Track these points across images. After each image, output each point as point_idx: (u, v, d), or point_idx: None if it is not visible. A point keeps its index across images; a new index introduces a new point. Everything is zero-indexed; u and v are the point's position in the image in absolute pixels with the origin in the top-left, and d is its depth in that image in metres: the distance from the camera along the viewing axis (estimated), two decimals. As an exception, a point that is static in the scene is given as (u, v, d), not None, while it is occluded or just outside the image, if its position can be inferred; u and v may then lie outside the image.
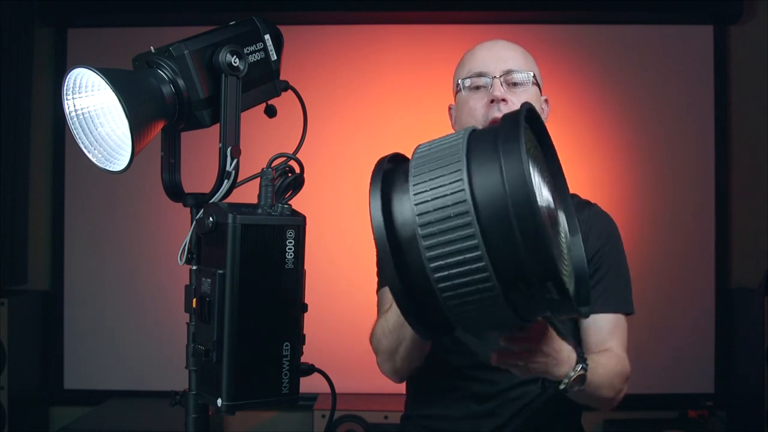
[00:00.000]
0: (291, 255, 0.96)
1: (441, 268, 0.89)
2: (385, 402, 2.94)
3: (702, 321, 3.27)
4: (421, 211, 0.91)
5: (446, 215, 0.89)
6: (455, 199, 0.89)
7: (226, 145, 1.02)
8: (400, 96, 3.28)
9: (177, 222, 1.33)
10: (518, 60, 1.53)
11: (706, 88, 3.32)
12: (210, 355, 0.94)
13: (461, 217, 0.88)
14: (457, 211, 0.88)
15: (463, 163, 0.90)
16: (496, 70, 1.50)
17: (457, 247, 0.88)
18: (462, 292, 0.90)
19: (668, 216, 3.30)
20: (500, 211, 0.87)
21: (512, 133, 0.90)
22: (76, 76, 0.97)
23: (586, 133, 3.30)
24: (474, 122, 1.50)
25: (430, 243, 0.90)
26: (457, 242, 0.88)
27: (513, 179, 0.87)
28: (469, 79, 1.52)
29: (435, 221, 0.89)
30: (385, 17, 3.32)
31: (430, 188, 0.91)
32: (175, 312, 1.28)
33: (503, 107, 1.47)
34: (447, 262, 0.89)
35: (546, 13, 3.30)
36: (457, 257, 0.88)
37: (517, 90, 1.50)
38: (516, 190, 0.86)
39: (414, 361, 1.47)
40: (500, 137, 0.91)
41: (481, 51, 1.55)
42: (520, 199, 0.86)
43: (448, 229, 0.89)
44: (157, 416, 2.87)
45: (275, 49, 1.09)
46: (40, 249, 3.34)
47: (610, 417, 3.16)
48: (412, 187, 0.93)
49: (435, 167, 0.92)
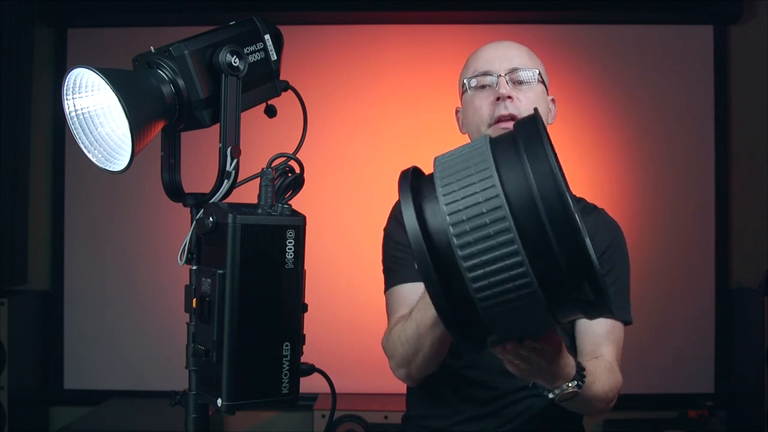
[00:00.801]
0: (291, 255, 0.96)
1: (479, 272, 0.88)
2: (385, 402, 2.94)
3: (702, 321, 3.27)
4: (455, 219, 0.89)
5: (482, 220, 0.88)
6: (490, 203, 0.88)
7: (226, 145, 1.02)
8: (400, 96, 3.27)
9: (177, 222, 1.33)
10: (523, 58, 1.53)
11: (706, 88, 3.32)
12: (210, 355, 0.94)
13: (498, 221, 0.87)
14: (493, 215, 0.87)
15: (492, 167, 0.89)
16: (501, 68, 1.50)
17: (496, 251, 0.87)
18: (501, 294, 0.88)
19: (668, 216, 3.30)
20: (533, 212, 0.86)
21: (533, 134, 0.90)
22: (76, 76, 0.97)
23: (586, 133, 3.30)
24: (480, 121, 1.50)
25: (467, 249, 0.88)
26: (495, 245, 0.87)
27: (543, 178, 0.86)
28: (474, 79, 1.52)
29: (470, 228, 0.88)
30: (385, 17, 3.32)
31: (462, 196, 0.90)
32: (175, 312, 1.28)
33: (509, 105, 1.46)
34: (485, 266, 0.87)
35: (546, 13, 3.30)
36: (496, 260, 0.87)
37: (522, 88, 1.50)
38: (547, 189, 0.86)
39: (431, 368, 1.45)
40: (520, 139, 0.90)
41: (486, 51, 1.55)
42: (552, 199, 0.86)
43: (485, 233, 0.87)
44: (157, 416, 2.87)
45: (275, 49, 1.09)
46: (40, 249, 3.34)
47: (610, 417, 3.15)
48: (442, 197, 0.91)
49: (463, 174, 0.91)
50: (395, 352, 1.46)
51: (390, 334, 1.48)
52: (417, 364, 1.43)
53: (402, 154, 3.25)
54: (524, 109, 1.47)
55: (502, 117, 1.47)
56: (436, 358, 1.42)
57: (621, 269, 1.56)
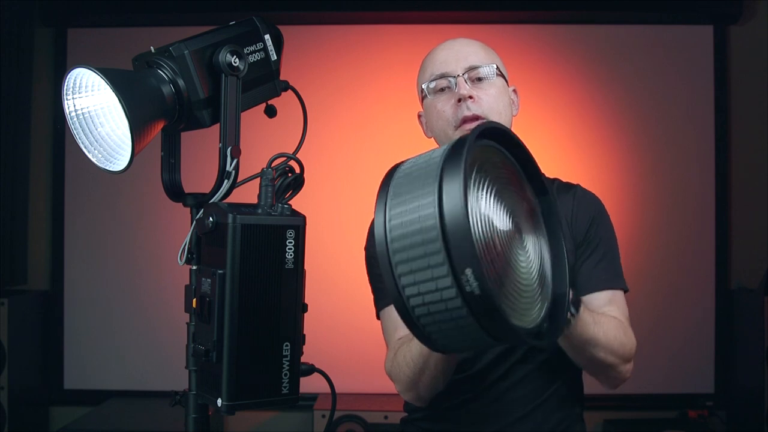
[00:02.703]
0: (291, 255, 0.96)
1: (414, 291, 0.90)
2: (385, 402, 2.94)
3: (702, 321, 3.27)
4: (396, 234, 0.91)
5: (415, 239, 0.89)
6: (426, 223, 0.89)
7: (226, 145, 1.02)
8: (400, 96, 3.26)
9: (177, 222, 1.33)
10: (479, 54, 1.51)
11: (706, 88, 3.32)
12: (210, 355, 0.94)
13: (430, 242, 0.88)
14: (426, 235, 0.89)
15: (435, 188, 0.90)
16: (457, 68, 1.48)
17: (428, 271, 0.89)
18: (436, 314, 0.90)
19: (668, 216, 3.30)
20: (466, 233, 0.87)
21: (455, 158, 0.90)
22: (76, 76, 0.97)
23: (586, 132, 3.30)
24: (445, 124, 1.49)
25: (403, 267, 0.90)
26: (427, 266, 0.89)
27: (450, 205, 0.87)
28: (432, 82, 1.50)
29: (407, 245, 0.90)
30: (385, 17, 3.32)
31: (405, 217, 0.91)
32: (175, 312, 1.29)
33: (471, 105, 1.45)
34: (419, 285, 0.90)
35: (546, 13, 3.31)
36: (428, 280, 0.89)
37: (482, 85, 1.48)
38: (452, 217, 0.87)
39: (438, 387, 1.43)
40: (446, 168, 0.91)
41: (441, 52, 1.53)
42: (454, 225, 0.87)
43: (418, 253, 0.89)
44: (157, 416, 2.87)
45: (275, 49, 1.09)
46: (40, 249, 3.34)
47: (610, 417, 3.16)
48: (388, 212, 0.93)
49: (409, 190, 0.93)
50: (401, 375, 1.43)
51: (395, 358, 1.45)
52: (424, 383, 1.41)
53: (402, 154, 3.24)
54: (487, 107, 1.46)
55: (466, 118, 1.46)
56: (443, 376, 1.40)
57: (608, 241, 1.53)
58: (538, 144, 1.76)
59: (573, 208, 1.53)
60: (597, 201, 1.58)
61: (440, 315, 0.90)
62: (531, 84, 3.11)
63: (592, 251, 1.49)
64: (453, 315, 0.89)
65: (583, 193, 1.59)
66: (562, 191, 1.57)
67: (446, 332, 0.92)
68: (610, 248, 1.53)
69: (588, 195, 1.59)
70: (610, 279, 1.50)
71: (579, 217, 1.52)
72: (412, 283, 0.90)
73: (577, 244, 1.50)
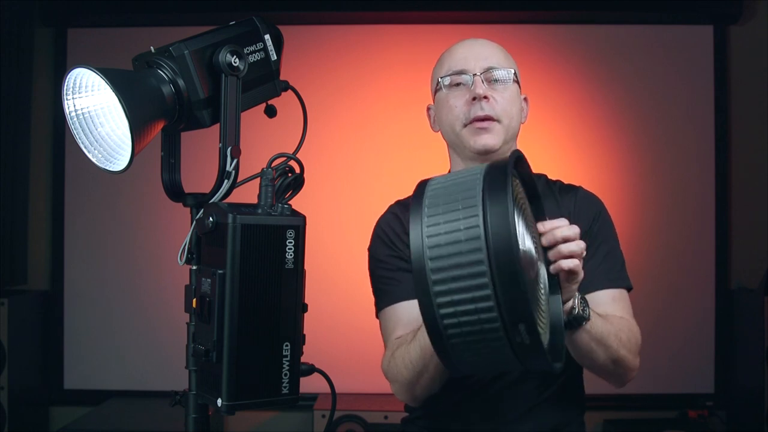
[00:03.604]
0: (291, 255, 0.96)
1: (450, 310, 0.90)
2: (385, 402, 2.94)
3: (702, 321, 3.27)
4: (434, 252, 0.91)
5: (460, 259, 0.90)
6: (471, 243, 0.89)
7: (226, 145, 1.02)
8: (400, 96, 3.27)
9: (177, 222, 1.33)
10: (498, 57, 1.52)
11: (706, 88, 3.32)
12: (210, 355, 0.94)
13: (475, 263, 0.89)
14: (471, 257, 0.89)
15: (479, 206, 0.91)
16: (476, 67, 1.49)
17: (469, 292, 0.89)
18: (469, 335, 0.91)
19: (668, 216, 3.30)
20: (510, 255, 0.88)
21: (500, 182, 0.91)
22: (76, 76, 0.97)
23: (586, 133, 3.30)
24: (454, 119, 1.49)
25: (441, 286, 0.90)
26: (470, 287, 0.89)
27: (496, 226, 0.88)
28: (448, 77, 1.51)
29: (447, 265, 0.90)
30: (385, 17, 3.32)
31: (444, 231, 0.92)
32: (175, 312, 1.29)
33: (485, 105, 1.46)
34: (456, 305, 0.90)
35: (546, 13, 3.31)
36: (467, 301, 0.89)
37: (498, 87, 1.49)
38: (497, 236, 0.87)
39: (434, 389, 1.44)
40: (486, 184, 0.92)
41: (461, 49, 1.54)
42: (500, 244, 0.87)
43: (461, 270, 0.89)
44: (157, 416, 2.87)
45: (275, 49, 1.09)
46: (40, 249, 3.34)
47: (610, 417, 3.16)
48: (426, 227, 0.93)
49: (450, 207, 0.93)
50: (399, 376, 1.43)
51: (393, 358, 1.45)
52: (421, 385, 1.42)
53: (402, 154, 3.26)
54: (500, 110, 1.47)
55: (478, 117, 1.46)
56: (440, 379, 1.40)
57: (610, 241, 1.54)
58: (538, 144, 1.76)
59: (574, 208, 1.54)
60: (598, 201, 1.59)
61: (473, 338, 0.90)
62: (531, 84, 3.08)
63: (594, 251, 1.49)
64: (489, 343, 0.90)
65: (585, 193, 1.60)
66: (564, 192, 1.58)
67: (473, 355, 0.93)
68: (612, 247, 1.54)
69: (590, 195, 1.60)
70: (612, 277, 1.50)
71: (580, 216, 1.52)
72: (448, 303, 0.90)
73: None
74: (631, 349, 1.41)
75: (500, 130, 1.48)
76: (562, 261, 1.15)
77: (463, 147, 1.51)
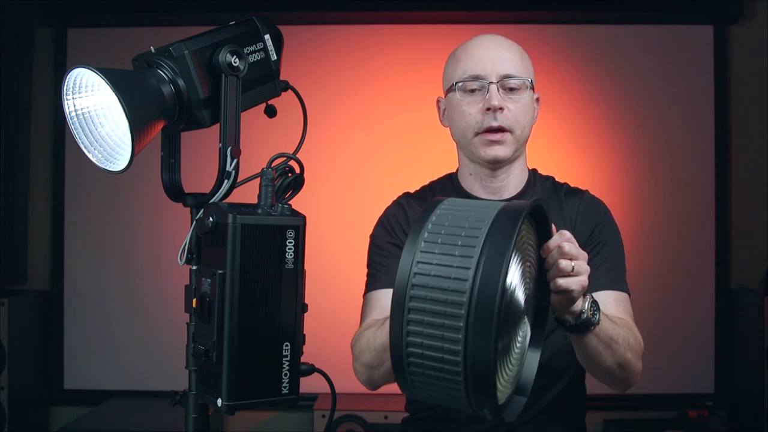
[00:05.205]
0: (291, 255, 0.96)
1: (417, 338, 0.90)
2: (385, 402, 2.94)
3: (702, 321, 3.27)
4: (420, 280, 0.91)
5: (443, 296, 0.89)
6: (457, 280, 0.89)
7: (226, 145, 1.02)
8: (400, 96, 3.27)
9: (177, 222, 1.33)
10: (515, 62, 1.51)
11: (706, 88, 3.32)
12: (210, 355, 0.94)
13: (455, 305, 0.88)
14: (453, 297, 0.88)
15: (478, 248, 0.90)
16: (492, 73, 1.48)
17: (440, 328, 0.89)
18: (429, 369, 0.91)
19: (668, 216, 3.30)
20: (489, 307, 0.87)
21: (507, 230, 0.90)
22: (76, 76, 0.97)
23: (586, 133, 3.30)
24: (467, 127, 1.49)
25: (417, 313, 0.90)
26: (442, 323, 0.89)
27: (487, 277, 0.87)
28: (463, 83, 1.50)
29: (428, 295, 0.90)
30: (385, 17, 3.32)
31: (437, 262, 0.91)
32: (175, 312, 1.29)
33: (499, 116, 1.46)
34: (424, 335, 0.90)
35: (546, 13, 3.30)
36: (437, 337, 0.89)
37: (513, 96, 1.49)
38: (484, 288, 0.87)
39: (392, 380, 1.45)
40: (492, 229, 0.91)
41: (478, 49, 1.52)
42: (484, 295, 0.87)
43: (439, 306, 0.89)
44: (157, 416, 2.87)
45: (275, 49, 1.09)
46: (40, 249, 3.34)
47: (610, 417, 3.16)
48: (419, 252, 0.93)
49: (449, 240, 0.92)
50: (361, 357, 1.49)
51: (360, 337, 1.49)
52: (380, 373, 1.45)
53: (402, 154, 3.26)
54: (513, 120, 1.47)
55: (491, 128, 1.47)
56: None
57: (612, 243, 1.54)
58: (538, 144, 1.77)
59: (577, 211, 1.54)
60: (602, 205, 1.60)
61: (432, 372, 0.91)
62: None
63: (596, 253, 1.50)
64: (447, 383, 0.90)
65: (590, 198, 1.61)
66: (569, 196, 1.59)
67: (429, 388, 0.93)
68: (615, 251, 1.54)
69: (594, 200, 1.60)
70: (614, 280, 1.50)
71: (583, 219, 1.53)
72: (418, 333, 0.90)
73: (581, 245, 1.50)
74: (637, 352, 1.41)
75: (512, 141, 1.49)
76: (558, 279, 1.14)
77: (473, 154, 1.52)
